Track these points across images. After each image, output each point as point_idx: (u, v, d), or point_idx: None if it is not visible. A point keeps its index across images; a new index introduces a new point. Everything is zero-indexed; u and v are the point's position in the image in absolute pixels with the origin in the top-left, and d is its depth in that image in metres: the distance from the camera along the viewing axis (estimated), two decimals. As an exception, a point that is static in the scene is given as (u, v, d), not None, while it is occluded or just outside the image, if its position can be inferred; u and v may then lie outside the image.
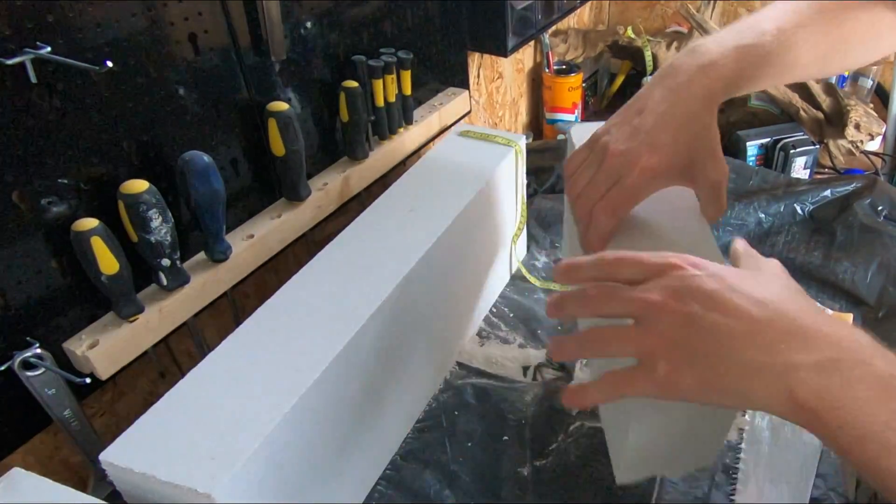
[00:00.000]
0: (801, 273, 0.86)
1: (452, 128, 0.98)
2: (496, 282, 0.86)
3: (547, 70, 1.27)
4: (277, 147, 0.67)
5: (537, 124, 1.37)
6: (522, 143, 0.81)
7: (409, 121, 0.86)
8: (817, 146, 1.09)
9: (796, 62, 0.57)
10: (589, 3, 1.36)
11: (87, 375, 0.54)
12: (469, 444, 0.67)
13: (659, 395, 0.42)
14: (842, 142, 1.15)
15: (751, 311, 0.40)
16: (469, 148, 0.79)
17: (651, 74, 1.31)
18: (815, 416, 0.37)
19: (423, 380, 0.71)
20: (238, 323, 0.56)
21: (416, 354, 0.66)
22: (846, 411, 0.36)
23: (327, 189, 0.74)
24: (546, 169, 1.07)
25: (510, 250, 0.87)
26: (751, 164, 1.10)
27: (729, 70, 0.54)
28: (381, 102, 0.79)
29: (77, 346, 0.54)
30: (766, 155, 1.12)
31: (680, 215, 0.58)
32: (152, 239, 0.55)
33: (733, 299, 0.40)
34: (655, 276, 0.43)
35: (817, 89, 1.13)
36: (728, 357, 0.39)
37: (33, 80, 0.47)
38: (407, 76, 0.82)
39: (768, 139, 1.10)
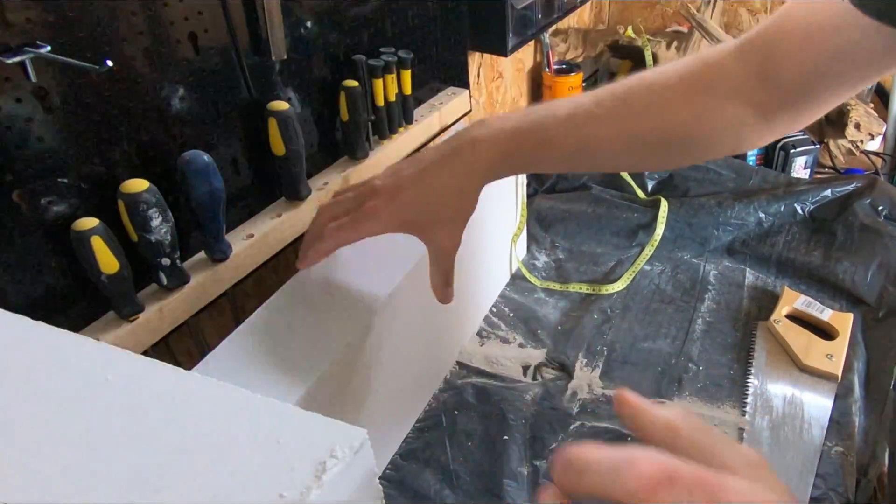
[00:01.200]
0: (802, 273, 0.86)
1: (452, 127, 0.98)
2: (496, 281, 0.86)
3: (547, 70, 1.26)
4: (277, 146, 0.67)
5: (537, 124, 1.37)
6: None
7: (409, 120, 0.86)
8: (817, 146, 1.09)
9: (587, 148, 0.56)
10: (589, 3, 1.36)
11: (87, 375, 0.54)
12: (469, 444, 0.67)
13: None
14: (842, 141, 1.15)
15: None
16: None
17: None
18: None
19: (423, 379, 0.71)
20: (238, 322, 0.56)
21: (416, 353, 0.66)
22: None
23: (327, 189, 0.74)
24: (546, 168, 1.07)
25: (510, 250, 0.87)
26: (751, 163, 1.10)
27: (497, 151, 0.55)
28: (381, 102, 0.79)
29: (77, 346, 0.54)
30: (767, 155, 1.12)
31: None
32: (152, 238, 0.55)
33: None
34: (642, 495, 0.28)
35: (817, 89, 1.12)
36: None
37: (33, 79, 0.47)
38: (407, 76, 0.82)
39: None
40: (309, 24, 0.70)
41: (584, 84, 1.30)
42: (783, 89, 0.53)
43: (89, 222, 0.51)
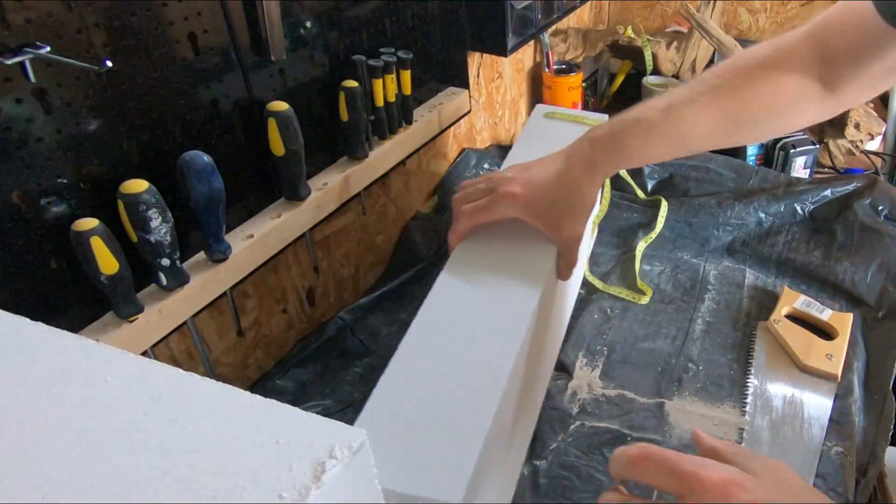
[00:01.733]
0: (801, 273, 0.86)
1: (451, 127, 0.98)
2: (577, 283, 0.85)
3: (547, 70, 1.26)
4: (277, 147, 0.67)
5: (537, 124, 1.37)
6: (606, 118, 0.82)
7: (408, 120, 0.86)
8: (817, 146, 1.09)
9: (687, 134, 0.64)
10: (589, 3, 1.36)
11: (87, 375, 0.54)
12: (469, 444, 0.67)
13: None
14: (842, 141, 1.15)
15: None
16: (559, 131, 0.78)
17: (651, 74, 1.32)
18: None
19: (538, 395, 0.70)
20: (238, 323, 0.56)
21: (538, 368, 0.66)
22: None
23: (327, 189, 0.74)
24: (546, 169, 1.07)
25: (590, 236, 0.86)
26: (751, 163, 1.10)
27: (609, 147, 0.64)
28: (380, 102, 0.79)
29: (77, 346, 0.54)
30: (766, 154, 1.12)
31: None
32: (152, 239, 0.55)
33: None
34: (692, 492, 0.37)
35: (817, 89, 1.12)
36: None
37: (33, 79, 0.47)
38: (407, 76, 0.82)
39: (768, 139, 1.10)
40: (308, 24, 0.70)
41: (583, 84, 1.30)
42: (837, 69, 0.62)
43: (89, 223, 0.51)
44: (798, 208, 0.93)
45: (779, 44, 0.65)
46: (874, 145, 1.19)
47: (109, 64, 0.51)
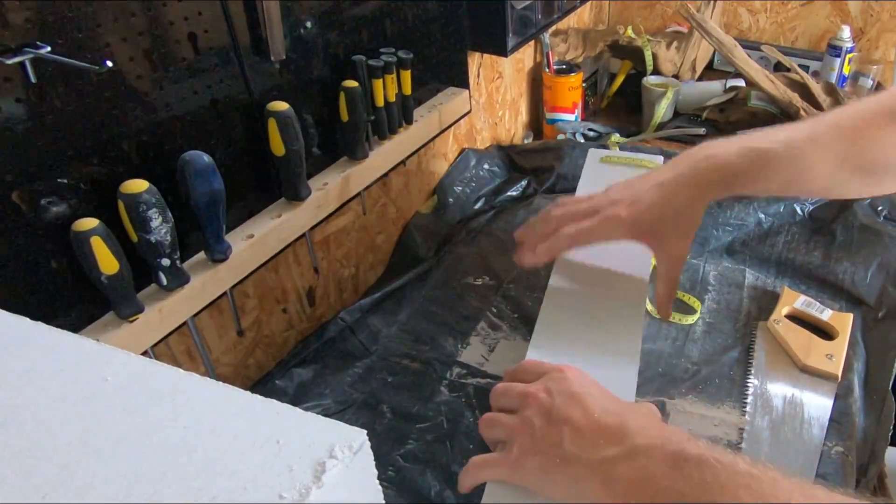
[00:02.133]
0: (801, 273, 0.86)
1: (451, 127, 0.98)
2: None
3: (547, 70, 1.27)
4: (277, 147, 0.67)
5: (537, 124, 1.37)
6: (661, 161, 0.84)
7: (408, 121, 0.86)
8: (817, 146, 1.09)
9: (805, 171, 0.61)
10: (589, 3, 1.36)
11: (87, 375, 0.54)
12: (470, 446, 0.67)
13: (507, 476, 0.48)
14: (842, 142, 1.15)
15: (595, 412, 0.47)
16: (618, 176, 0.78)
17: (651, 74, 1.31)
18: (625, 496, 0.43)
19: None
20: (238, 322, 0.56)
21: None
22: (645, 486, 0.43)
23: (327, 189, 0.74)
24: (546, 169, 1.07)
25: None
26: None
27: (728, 168, 0.61)
28: (380, 102, 0.79)
29: (77, 346, 0.54)
30: (766, 155, 1.11)
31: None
32: (152, 239, 0.55)
33: (588, 401, 0.48)
34: (542, 376, 0.53)
35: (817, 89, 1.13)
36: (567, 448, 0.46)
37: (33, 79, 0.47)
38: (407, 76, 0.82)
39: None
40: (309, 24, 0.70)
41: (583, 84, 1.30)
42: None
43: (89, 223, 0.51)
44: (797, 209, 0.93)
45: None
46: (874, 145, 1.19)
47: (109, 64, 0.51)
